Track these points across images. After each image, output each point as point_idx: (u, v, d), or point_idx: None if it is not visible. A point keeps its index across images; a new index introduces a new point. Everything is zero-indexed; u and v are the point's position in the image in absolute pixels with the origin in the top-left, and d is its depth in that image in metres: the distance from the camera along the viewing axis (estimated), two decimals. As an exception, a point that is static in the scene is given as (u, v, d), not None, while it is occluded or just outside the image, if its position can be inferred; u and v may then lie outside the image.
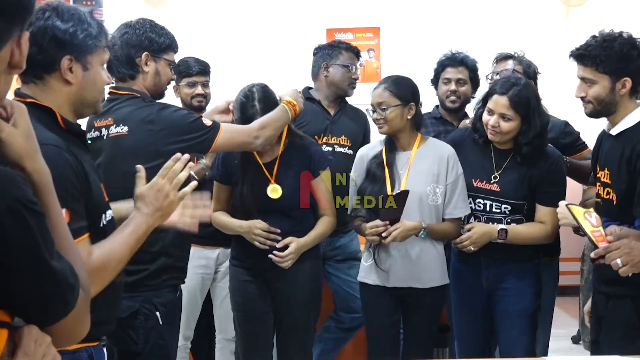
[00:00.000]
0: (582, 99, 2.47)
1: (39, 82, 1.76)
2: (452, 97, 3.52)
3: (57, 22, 1.74)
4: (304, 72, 3.73)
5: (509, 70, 3.31)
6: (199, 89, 3.49)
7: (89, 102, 1.84)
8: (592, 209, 2.31)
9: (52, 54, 1.73)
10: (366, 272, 2.95)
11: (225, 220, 2.96)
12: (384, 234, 2.75)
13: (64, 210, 1.54)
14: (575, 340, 4.76)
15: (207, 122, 2.54)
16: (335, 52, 3.54)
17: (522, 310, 2.87)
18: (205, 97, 3.54)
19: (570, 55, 2.49)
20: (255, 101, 2.84)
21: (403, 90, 2.89)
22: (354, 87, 3.59)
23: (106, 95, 2.52)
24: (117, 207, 1.94)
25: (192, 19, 5.16)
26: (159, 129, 2.45)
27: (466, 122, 3.28)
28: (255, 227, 2.84)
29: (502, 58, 3.43)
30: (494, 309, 2.93)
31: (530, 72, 3.36)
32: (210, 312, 3.51)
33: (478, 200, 2.89)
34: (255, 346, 2.98)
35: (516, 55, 3.44)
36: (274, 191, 2.89)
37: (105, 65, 1.89)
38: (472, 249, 2.82)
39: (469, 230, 2.82)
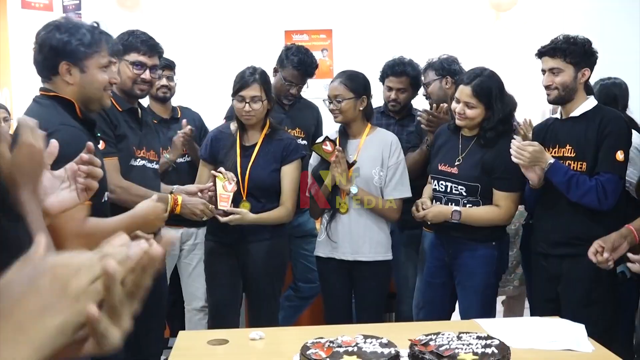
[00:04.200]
0: (549, 87, 2.85)
1: (49, 82, 2.12)
2: (393, 103, 3.69)
3: (55, 34, 2.06)
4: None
5: (434, 83, 3.54)
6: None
7: (91, 98, 2.15)
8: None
9: (52, 60, 2.07)
10: (320, 247, 3.21)
11: None
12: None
13: None
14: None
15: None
16: (284, 63, 3.58)
17: (474, 285, 2.97)
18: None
19: (539, 52, 2.85)
20: (256, 73, 3.04)
21: (356, 84, 3.09)
22: (291, 102, 3.66)
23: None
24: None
25: (162, 22, 5.26)
26: None
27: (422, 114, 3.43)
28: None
29: (424, 70, 3.64)
30: (454, 283, 3.07)
31: (452, 70, 3.52)
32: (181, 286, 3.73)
33: (441, 182, 3.02)
34: (224, 313, 3.17)
35: (433, 61, 3.59)
36: (244, 206, 3.04)
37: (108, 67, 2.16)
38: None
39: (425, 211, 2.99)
